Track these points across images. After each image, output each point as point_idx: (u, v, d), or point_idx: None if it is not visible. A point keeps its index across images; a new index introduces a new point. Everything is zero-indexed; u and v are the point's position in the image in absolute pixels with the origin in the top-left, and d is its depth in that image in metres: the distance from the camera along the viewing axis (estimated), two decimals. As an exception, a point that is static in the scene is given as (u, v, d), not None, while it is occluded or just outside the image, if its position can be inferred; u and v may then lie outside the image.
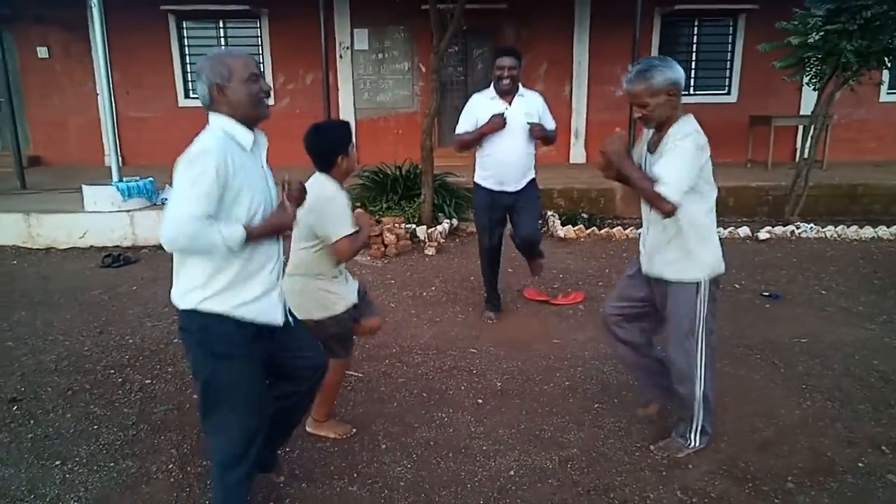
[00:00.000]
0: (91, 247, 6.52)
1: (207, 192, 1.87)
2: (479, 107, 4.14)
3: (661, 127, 2.53)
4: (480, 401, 3.32)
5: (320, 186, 2.57)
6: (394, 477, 2.66)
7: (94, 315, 4.64)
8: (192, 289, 2.02)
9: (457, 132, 4.22)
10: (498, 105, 4.08)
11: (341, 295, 2.71)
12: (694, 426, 2.73)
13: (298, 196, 2.26)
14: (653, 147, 2.58)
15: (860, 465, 2.69)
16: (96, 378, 3.61)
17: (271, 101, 1.98)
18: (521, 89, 4.13)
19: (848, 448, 2.82)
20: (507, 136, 4.05)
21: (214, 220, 1.90)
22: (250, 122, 2.05)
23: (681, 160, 2.39)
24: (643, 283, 2.77)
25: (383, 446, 2.89)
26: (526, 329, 4.36)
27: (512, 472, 2.68)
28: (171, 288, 2.10)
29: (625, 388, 3.41)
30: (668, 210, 2.40)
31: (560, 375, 3.61)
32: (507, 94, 4.08)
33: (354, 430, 3.00)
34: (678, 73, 2.44)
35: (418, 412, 3.20)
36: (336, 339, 2.71)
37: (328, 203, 2.52)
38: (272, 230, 2.07)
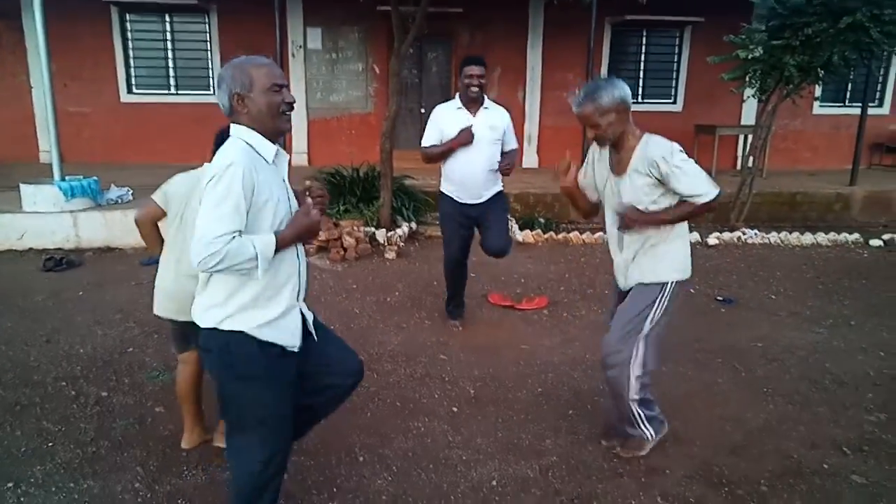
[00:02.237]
0: (30, 249, 6.14)
1: (236, 206, 1.79)
2: (445, 118, 4.07)
3: (619, 145, 2.58)
4: (455, 409, 3.29)
5: None
6: (375, 491, 2.61)
7: (39, 323, 4.37)
8: (211, 306, 1.94)
9: (423, 144, 4.15)
10: (464, 116, 4.02)
11: None
12: (637, 420, 2.72)
13: (322, 200, 2.15)
14: (617, 168, 2.61)
15: (825, 466, 2.80)
16: (46, 391, 3.39)
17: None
18: (487, 101, 4.08)
19: (812, 450, 2.93)
20: (472, 149, 3.99)
21: (245, 234, 1.83)
22: (271, 135, 1.96)
23: (690, 170, 2.48)
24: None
25: (361, 459, 2.83)
26: (493, 335, 4.36)
27: (494, 483, 2.66)
28: (120, 293, 2.00)
29: (597, 394, 3.44)
30: (715, 207, 2.58)
31: (532, 382, 3.62)
32: (474, 102, 4.03)
33: None
34: (624, 90, 2.51)
35: (393, 422, 3.15)
36: None
37: None
38: (302, 234, 1.97)
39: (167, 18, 10.28)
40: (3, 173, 8.32)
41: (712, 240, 7.11)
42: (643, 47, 11.13)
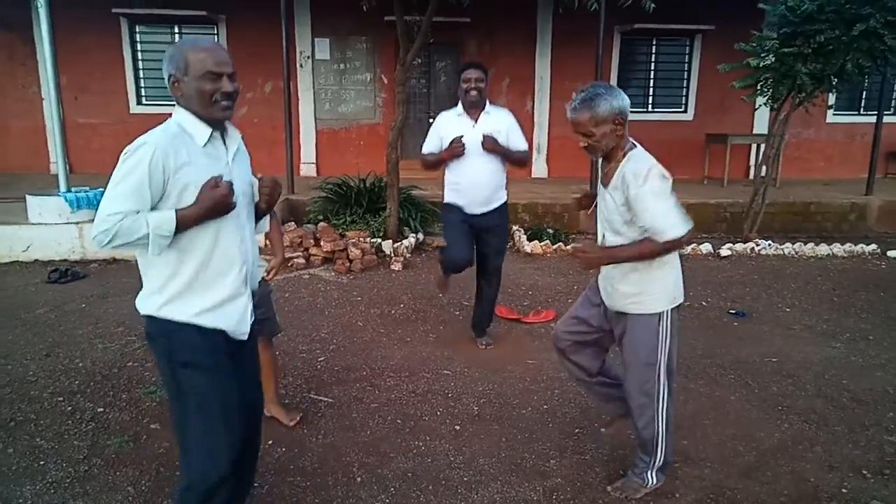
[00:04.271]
0: (36, 261, 6.13)
1: (137, 186, 1.77)
2: (445, 125, 4.03)
3: (610, 157, 2.46)
4: (458, 427, 3.20)
5: None
6: (372, 513, 2.52)
7: (40, 336, 4.33)
8: (150, 293, 1.92)
9: (423, 151, 4.12)
10: (464, 122, 3.97)
11: None
12: (653, 464, 2.59)
13: (270, 190, 2.11)
14: (605, 179, 2.50)
15: (844, 490, 2.68)
16: (42, 407, 3.33)
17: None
18: (489, 106, 4.01)
19: (829, 473, 2.81)
20: (474, 157, 3.92)
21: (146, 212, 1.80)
22: (207, 121, 1.91)
23: (658, 200, 2.29)
24: (601, 312, 2.65)
25: (359, 479, 2.74)
26: (499, 349, 4.26)
27: (496, 506, 2.57)
28: (123, 306, 1.95)
29: (604, 413, 3.33)
30: (681, 245, 2.38)
31: (538, 399, 3.52)
32: (474, 107, 3.96)
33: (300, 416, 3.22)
34: (624, 101, 2.35)
35: (394, 440, 3.06)
36: None
37: None
38: (208, 209, 1.86)
39: (176, 30, 10.34)
40: (14, 184, 8.36)
41: (725, 251, 6.98)
42: (653, 56, 11.02)
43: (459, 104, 4.03)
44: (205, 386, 1.92)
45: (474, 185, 3.98)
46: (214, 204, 1.86)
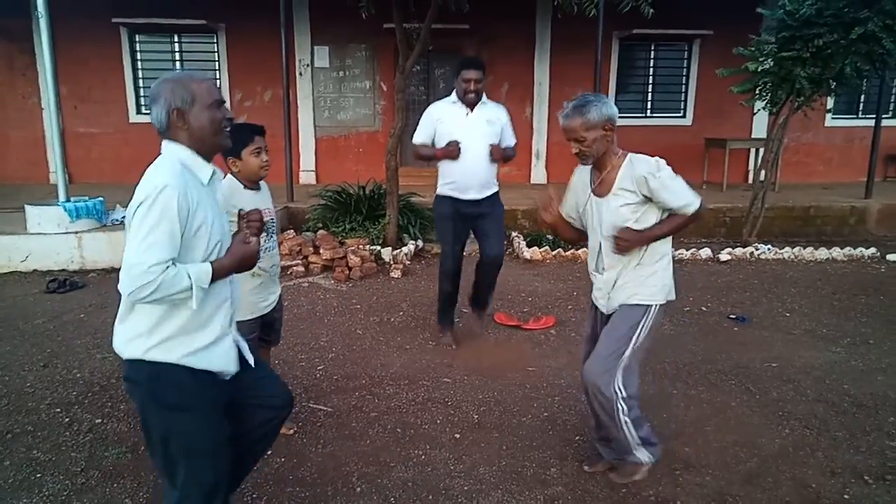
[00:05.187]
0: (34, 271, 6.13)
1: (171, 233, 1.71)
2: (440, 113, 4.11)
3: (601, 165, 2.56)
4: (458, 435, 3.18)
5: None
6: (371, 523, 2.50)
7: (38, 346, 4.32)
8: (135, 336, 1.82)
9: (414, 140, 4.20)
10: (459, 111, 4.06)
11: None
12: (631, 444, 2.59)
13: (258, 225, 2.13)
14: (600, 189, 2.58)
15: (846, 496, 2.66)
16: (40, 418, 3.32)
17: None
18: (484, 98, 4.12)
19: (831, 479, 2.79)
20: (469, 143, 4.01)
21: (178, 262, 1.76)
22: (208, 153, 1.92)
23: (676, 181, 2.49)
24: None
25: (358, 489, 2.72)
26: (499, 356, 4.25)
27: (496, 515, 2.55)
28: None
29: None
30: (703, 217, 2.61)
31: (538, 406, 3.51)
32: (472, 105, 4.07)
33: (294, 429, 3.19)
34: (613, 109, 2.50)
35: (393, 450, 3.04)
36: None
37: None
38: (240, 263, 1.91)
39: (176, 39, 10.37)
40: (13, 194, 8.37)
41: (724, 256, 6.97)
42: (651, 61, 11.04)
43: (454, 94, 4.10)
44: (193, 428, 1.87)
45: (468, 173, 4.07)
46: (244, 258, 1.92)
